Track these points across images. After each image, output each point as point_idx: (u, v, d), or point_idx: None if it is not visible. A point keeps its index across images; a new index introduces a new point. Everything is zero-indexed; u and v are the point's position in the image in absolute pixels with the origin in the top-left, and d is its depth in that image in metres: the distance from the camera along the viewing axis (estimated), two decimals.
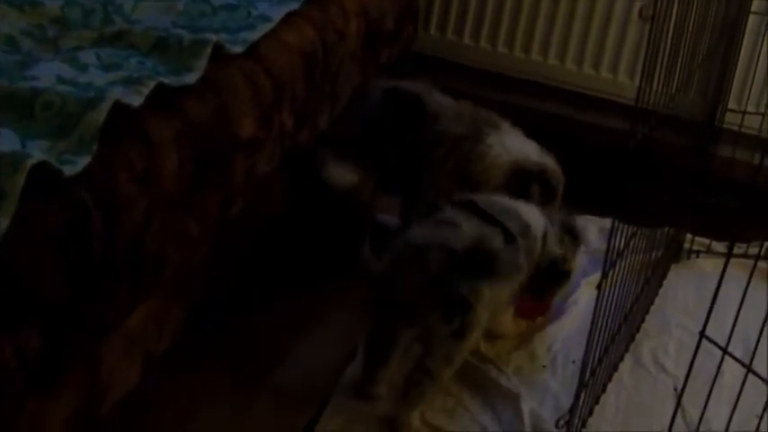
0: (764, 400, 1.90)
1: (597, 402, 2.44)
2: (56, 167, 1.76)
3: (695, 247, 3.12)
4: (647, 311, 2.82)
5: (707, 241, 3.14)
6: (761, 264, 2.90)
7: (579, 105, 3.56)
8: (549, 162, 2.79)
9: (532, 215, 2.49)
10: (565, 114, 3.23)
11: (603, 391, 2.48)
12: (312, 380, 2.45)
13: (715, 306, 1.84)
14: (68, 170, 1.77)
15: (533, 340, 2.66)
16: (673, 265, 3.06)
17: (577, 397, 2.21)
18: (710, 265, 3.04)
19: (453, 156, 2.77)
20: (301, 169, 2.74)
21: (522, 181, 2.72)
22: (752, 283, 1.89)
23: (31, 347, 1.69)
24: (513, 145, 2.79)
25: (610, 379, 2.53)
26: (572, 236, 2.58)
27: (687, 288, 2.96)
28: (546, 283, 2.57)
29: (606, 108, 3.51)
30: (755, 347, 1.91)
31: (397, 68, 3.41)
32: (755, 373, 1.89)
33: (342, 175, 2.79)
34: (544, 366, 2.58)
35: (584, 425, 2.35)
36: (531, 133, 2.91)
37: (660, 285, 2.96)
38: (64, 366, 1.86)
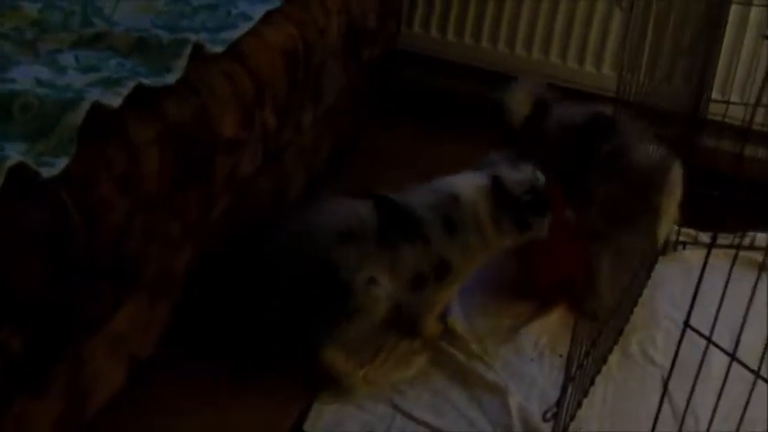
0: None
1: (586, 395, 2.44)
2: (34, 169, 1.75)
3: (682, 239, 3.13)
4: (635, 304, 2.82)
5: (693, 232, 3.15)
6: (751, 254, 2.93)
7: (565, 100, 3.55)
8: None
9: (462, 183, 2.56)
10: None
11: (592, 383, 2.48)
12: (299, 378, 2.44)
13: (704, 297, 1.83)
14: (46, 172, 1.77)
15: (520, 334, 2.66)
16: (660, 257, 3.06)
17: (564, 390, 2.21)
18: (697, 257, 3.03)
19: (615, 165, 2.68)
20: None
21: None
22: (742, 274, 1.89)
23: (12, 349, 1.68)
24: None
25: (598, 372, 2.53)
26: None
27: (674, 280, 2.96)
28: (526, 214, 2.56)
29: (591, 101, 3.51)
30: (738, 337, 1.91)
31: (380, 66, 3.41)
32: (740, 362, 1.89)
33: None
34: (531, 360, 2.58)
35: (572, 418, 2.35)
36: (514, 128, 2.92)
37: (648, 278, 2.96)
38: (47, 368, 1.86)
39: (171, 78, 2.18)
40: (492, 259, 2.66)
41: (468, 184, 2.55)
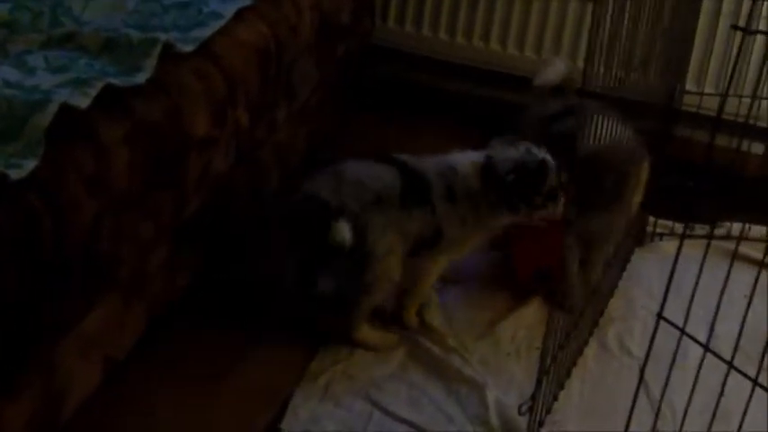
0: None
1: (562, 387, 2.44)
2: (2, 171, 1.74)
3: (658, 230, 3.13)
4: (611, 295, 2.82)
5: (670, 223, 3.15)
6: (726, 244, 2.93)
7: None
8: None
9: (462, 158, 2.59)
10: (525, 102, 3.23)
11: (568, 376, 2.48)
12: (274, 378, 2.44)
13: (680, 288, 1.84)
14: (14, 174, 1.76)
15: (497, 329, 2.66)
16: (636, 249, 3.07)
17: (539, 383, 2.21)
18: (673, 248, 2.99)
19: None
20: None
21: None
22: (717, 264, 1.90)
23: None
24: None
25: (575, 364, 2.53)
26: None
27: (651, 271, 2.96)
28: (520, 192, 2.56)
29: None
30: (711, 327, 1.91)
31: (355, 61, 3.40)
32: (713, 353, 1.89)
33: None
34: (508, 354, 2.58)
35: (548, 411, 2.35)
36: (490, 122, 2.91)
37: (624, 269, 2.96)
38: (19, 369, 1.85)
39: (141, 78, 2.17)
40: (474, 250, 2.68)
41: (465, 159, 2.59)
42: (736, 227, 3.12)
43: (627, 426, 2.04)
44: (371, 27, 3.52)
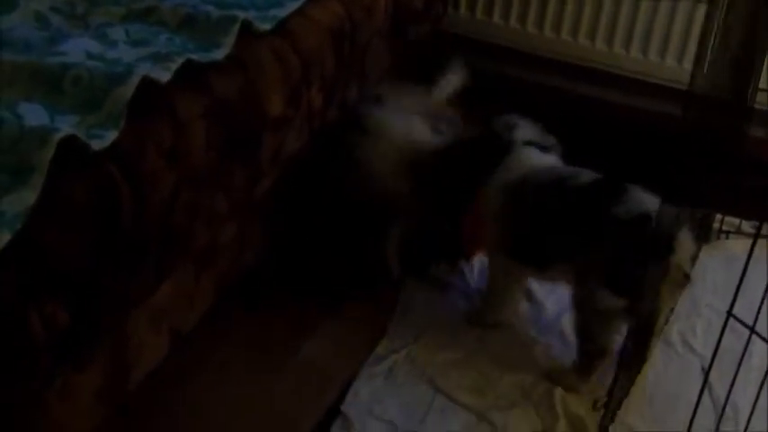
0: None
1: (632, 383, 2.42)
2: (84, 142, 1.76)
3: (725, 228, 3.10)
4: None
5: (737, 221, 3.12)
6: None
7: (607, 84, 3.54)
8: None
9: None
10: (593, 94, 3.22)
11: (639, 372, 2.47)
12: (339, 360, 2.45)
13: (746, 287, 1.82)
14: (96, 144, 1.78)
15: (563, 321, 2.64)
16: (702, 246, 3.04)
17: (616, 379, 2.20)
18: (740, 246, 3.01)
19: None
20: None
21: None
22: None
23: (58, 321, 1.70)
24: None
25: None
26: None
27: (716, 269, 2.93)
28: None
29: (633, 88, 3.48)
30: None
31: (426, 47, 3.40)
32: None
33: None
34: None
35: (619, 406, 2.34)
36: (559, 114, 2.90)
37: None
38: (92, 340, 1.88)
39: (219, 54, 2.18)
40: None
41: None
42: None
43: (690, 425, 2.03)
44: (444, 12, 3.51)
